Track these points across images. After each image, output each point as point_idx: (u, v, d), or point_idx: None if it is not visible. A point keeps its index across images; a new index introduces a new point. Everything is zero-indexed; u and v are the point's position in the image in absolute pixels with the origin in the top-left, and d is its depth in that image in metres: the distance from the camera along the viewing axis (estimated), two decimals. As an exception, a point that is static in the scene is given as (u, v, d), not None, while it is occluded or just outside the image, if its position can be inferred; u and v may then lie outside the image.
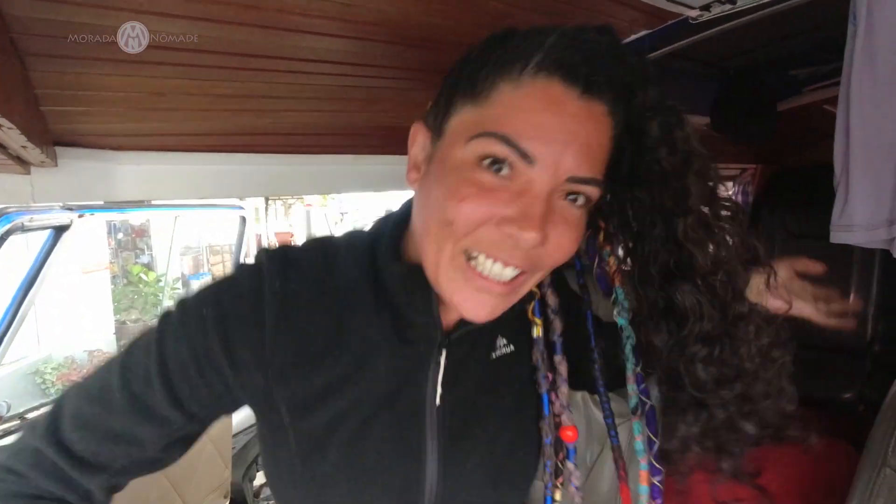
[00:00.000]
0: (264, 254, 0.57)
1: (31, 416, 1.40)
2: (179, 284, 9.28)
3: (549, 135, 0.46)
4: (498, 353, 0.63)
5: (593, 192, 0.50)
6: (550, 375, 0.64)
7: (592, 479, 1.00)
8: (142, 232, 9.37)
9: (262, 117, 1.01)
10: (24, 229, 1.03)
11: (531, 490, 0.67)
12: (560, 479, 0.65)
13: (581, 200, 0.50)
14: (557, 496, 0.65)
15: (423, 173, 0.54)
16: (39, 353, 5.78)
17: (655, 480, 0.62)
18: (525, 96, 0.47)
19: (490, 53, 0.49)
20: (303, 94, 0.97)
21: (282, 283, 0.55)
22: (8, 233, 0.97)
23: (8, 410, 1.30)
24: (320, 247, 0.60)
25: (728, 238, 0.54)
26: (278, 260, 0.56)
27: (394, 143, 1.15)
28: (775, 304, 0.61)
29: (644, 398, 0.62)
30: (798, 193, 2.98)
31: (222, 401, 0.56)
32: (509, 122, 0.47)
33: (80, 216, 1.26)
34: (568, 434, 0.63)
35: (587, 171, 0.48)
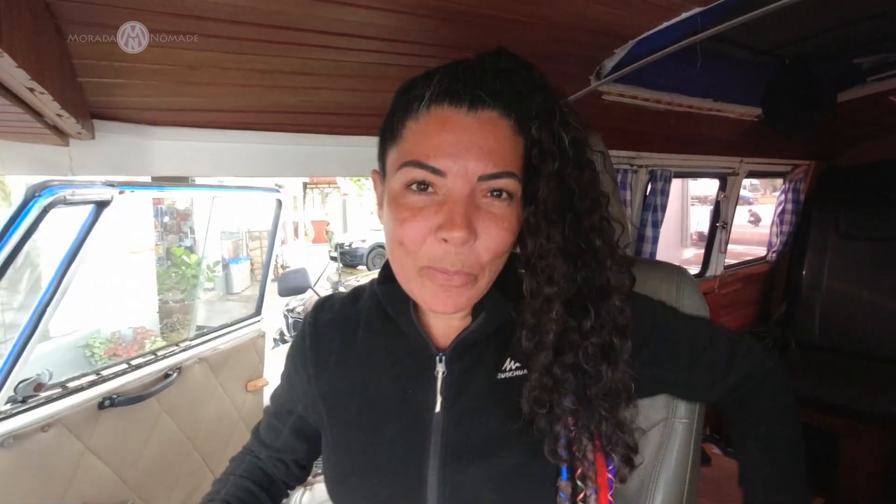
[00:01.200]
0: (315, 302, 0.81)
1: (71, 384, 1.50)
2: (219, 268, 9.61)
3: (450, 149, 0.56)
4: (506, 374, 0.66)
5: (509, 183, 0.57)
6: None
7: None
8: (185, 216, 9.73)
9: (296, 95, 1.00)
10: (66, 202, 1.06)
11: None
12: None
13: (504, 195, 0.58)
14: None
15: (382, 208, 0.64)
16: (89, 328, 6.09)
17: None
18: (425, 125, 0.58)
19: (399, 102, 0.62)
20: (337, 72, 0.95)
21: (314, 317, 0.78)
22: (50, 205, 1.01)
23: (50, 378, 1.40)
24: (356, 288, 0.80)
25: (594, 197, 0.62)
26: (318, 303, 0.80)
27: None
28: None
29: None
30: (853, 192, 2.81)
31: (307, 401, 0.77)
32: (418, 149, 0.57)
33: (121, 192, 1.30)
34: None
35: (493, 168, 0.56)
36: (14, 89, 0.54)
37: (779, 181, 2.97)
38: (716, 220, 2.55)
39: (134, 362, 1.71)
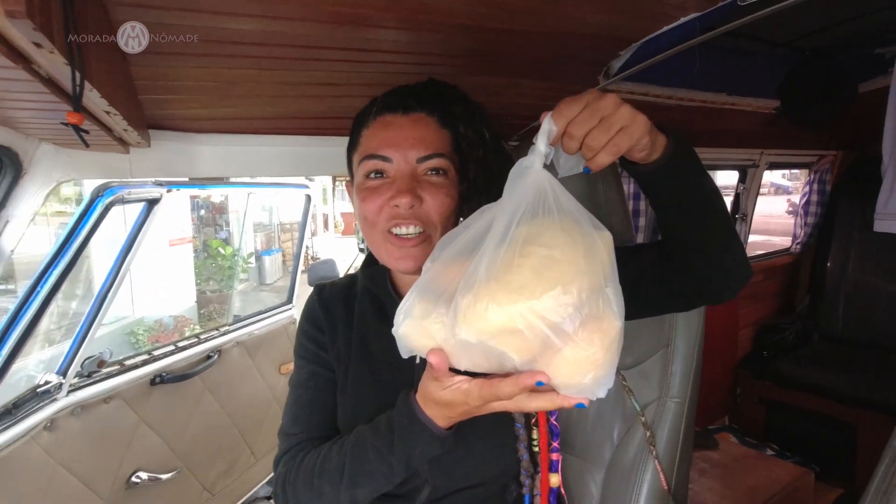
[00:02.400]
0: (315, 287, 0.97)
1: (128, 362, 1.68)
2: (252, 259, 9.93)
3: (393, 141, 0.78)
4: None
5: (439, 161, 0.78)
6: None
7: (618, 454, 1.04)
8: (221, 209, 10.07)
9: (321, 102, 1.11)
10: (123, 201, 1.21)
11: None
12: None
13: (440, 172, 0.78)
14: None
15: (354, 202, 0.84)
16: (133, 316, 6.43)
17: None
18: (374, 129, 0.81)
19: (357, 121, 0.86)
20: (357, 81, 1.05)
21: (318, 293, 0.93)
22: (112, 203, 1.15)
23: (110, 357, 1.59)
24: (351, 275, 0.98)
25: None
26: (318, 286, 0.95)
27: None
28: None
29: None
30: (880, 183, 2.75)
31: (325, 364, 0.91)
32: (370, 145, 0.79)
33: (169, 191, 1.45)
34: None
35: (425, 151, 0.77)
36: (95, 113, 0.67)
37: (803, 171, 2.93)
38: (735, 212, 2.56)
39: (180, 344, 1.88)
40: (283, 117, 1.16)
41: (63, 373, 1.43)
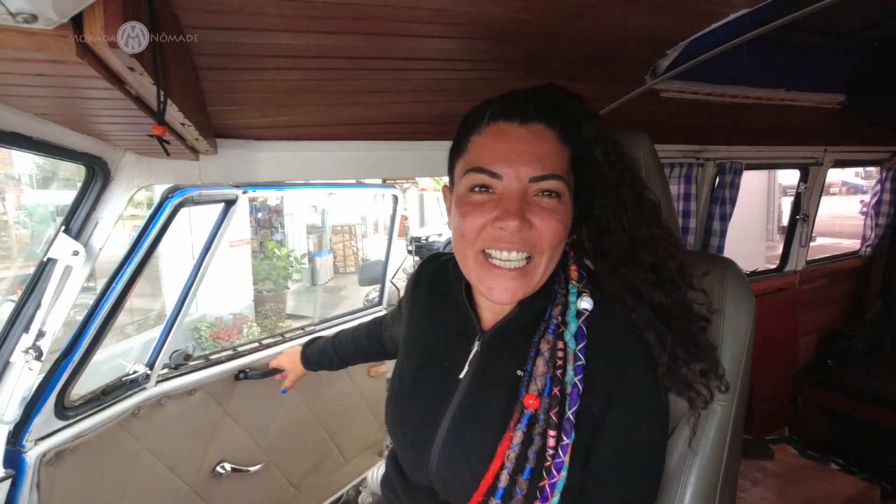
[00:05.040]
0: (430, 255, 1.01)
1: (213, 357, 1.74)
2: (305, 260, 10.31)
3: (505, 155, 0.68)
4: (521, 374, 0.74)
5: (555, 184, 0.68)
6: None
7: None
8: (276, 212, 10.52)
9: (371, 109, 1.17)
10: (193, 202, 1.30)
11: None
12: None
13: (553, 194, 0.69)
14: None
15: (451, 214, 0.78)
16: (197, 313, 6.83)
17: None
18: (485, 137, 0.71)
19: (464, 123, 0.76)
20: (405, 88, 1.10)
21: (421, 268, 0.98)
22: (181, 204, 1.25)
23: (194, 351, 1.66)
24: (449, 259, 0.91)
25: (654, 223, 0.76)
26: (432, 256, 0.99)
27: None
28: None
29: None
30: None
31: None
32: (479, 157, 0.70)
33: (244, 192, 1.52)
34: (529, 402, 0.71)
35: (541, 171, 0.68)
36: (172, 124, 0.75)
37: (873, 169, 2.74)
38: (796, 212, 2.43)
39: (265, 342, 1.89)
40: (336, 124, 1.23)
41: (151, 364, 1.48)
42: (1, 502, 1.01)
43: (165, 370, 1.57)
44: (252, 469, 1.77)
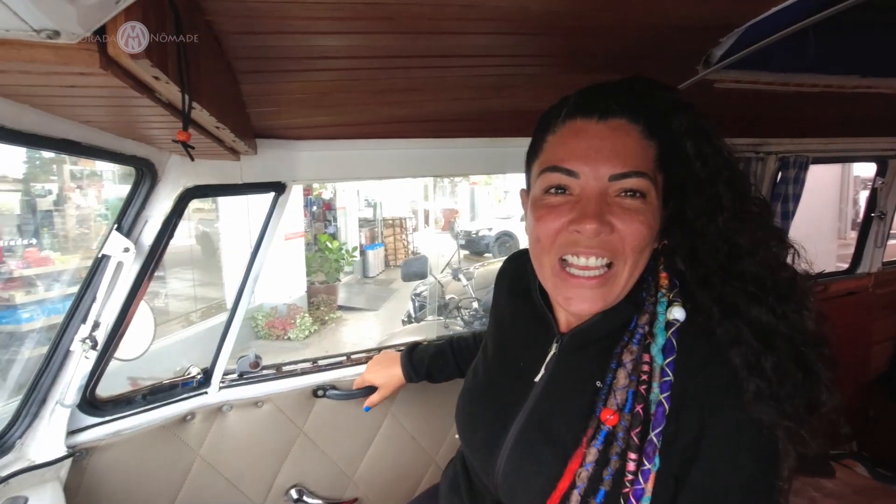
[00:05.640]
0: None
1: (285, 368, 1.53)
2: (357, 253, 10.55)
3: (582, 153, 0.64)
4: (600, 385, 0.68)
5: (638, 182, 0.63)
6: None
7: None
8: (330, 205, 10.83)
9: (405, 107, 1.17)
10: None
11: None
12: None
13: (637, 194, 0.64)
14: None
15: (526, 217, 0.74)
16: (254, 303, 7.17)
17: None
18: (561, 136, 0.67)
19: (540, 124, 0.72)
20: (441, 85, 1.09)
21: (506, 263, 0.97)
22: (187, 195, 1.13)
23: (255, 357, 1.47)
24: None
25: (759, 226, 0.65)
26: (516, 253, 0.98)
27: (524, 125, 1.21)
28: None
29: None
30: None
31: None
32: (555, 156, 0.67)
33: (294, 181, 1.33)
34: (606, 416, 0.65)
35: (622, 168, 0.63)
36: (207, 128, 0.78)
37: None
38: (871, 209, 2.23)
39: (353, 356, 1.59)
40: (372, 122, 1.24)
41: (210, 370, 1.38)
42: (64, 480, 1.09)
43: (228, 377, 1.43)
44: (341, 501, 1.56)
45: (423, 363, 1.23)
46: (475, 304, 3.43)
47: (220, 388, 1.40)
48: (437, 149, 1.38)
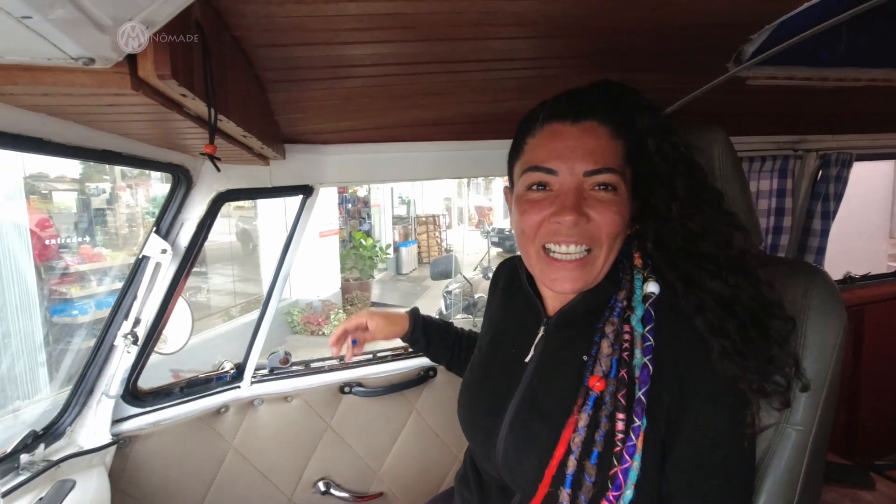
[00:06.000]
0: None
1: (314, 364, 1.59)
2: (390, 250, 10.68)
3: (559, 152, 0.72)
4: (587, 358, 0.76)
5: (609, 177, 0.71)
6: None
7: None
8: (364, 203, 10.99)
9: (428, 111, 1.19)
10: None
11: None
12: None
13: (609, 187, 0.71)
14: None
15: (512, 213, 0.81)
16: (291, 299, 7.37)
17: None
18: (539, 139, 0.75)
19: (521, 128, 0.79)
20: (463, 89, 1.11)
21: (498, 267, 1.05)
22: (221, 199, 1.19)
23: (285, 354, 1.55)
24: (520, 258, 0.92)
25: (711, 212, 0.74)
26: (506, 260, 1.05)
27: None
28: None
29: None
30: None
31: None
32: (535, 156, 0.74)
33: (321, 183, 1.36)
34: (594, 383, 0.71)
35: (594, 165, 0.70)
36: (235, 136, 0.82)
37: None
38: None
39: (380, 355, 1.63)
40: (395, 126, 1.27)
41: (242, 365, 1.44)
42: (109, 465, 1.17)
43: (260, 372, 1.50)
44: (367, 494, 1.60)
45: (431, 326, 1.22)
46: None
47: (252, 382, 1.46)
48: (461, 151, 1.40)
